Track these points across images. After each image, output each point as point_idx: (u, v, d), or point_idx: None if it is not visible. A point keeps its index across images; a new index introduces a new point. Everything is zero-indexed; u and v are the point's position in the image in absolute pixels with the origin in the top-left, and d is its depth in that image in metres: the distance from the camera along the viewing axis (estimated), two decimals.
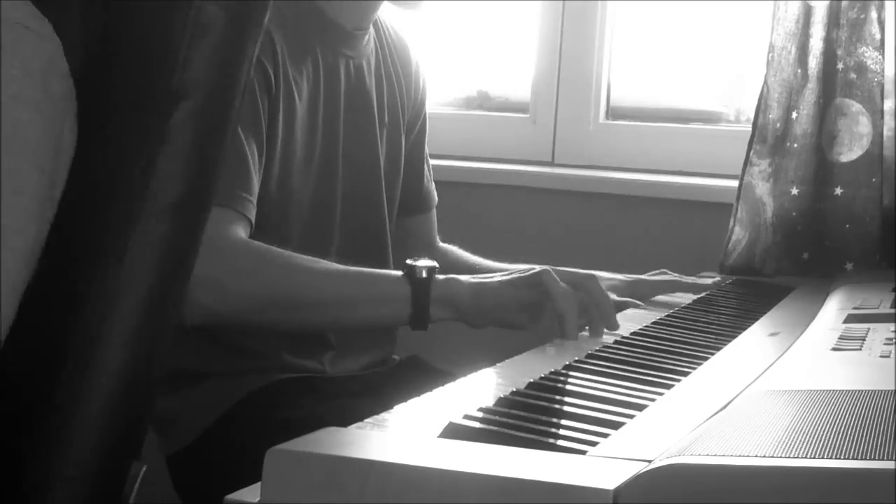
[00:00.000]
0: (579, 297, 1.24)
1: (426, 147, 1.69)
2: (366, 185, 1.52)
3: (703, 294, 1.53)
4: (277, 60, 1.36)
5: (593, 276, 1.31)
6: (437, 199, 1.71)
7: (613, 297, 1.47)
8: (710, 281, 1.62)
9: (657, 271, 1.59)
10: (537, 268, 1.28)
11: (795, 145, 1.73)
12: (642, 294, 1.50)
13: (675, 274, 1.60)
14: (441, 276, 1.26)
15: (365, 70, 1.52)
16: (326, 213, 1.47)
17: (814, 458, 0.62)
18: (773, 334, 1.18)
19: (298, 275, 1.27)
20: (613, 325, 1.23)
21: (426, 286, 1.24)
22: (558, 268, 1.31)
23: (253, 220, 1.31)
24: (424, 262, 1.26)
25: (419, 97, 1.65)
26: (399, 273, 1.26)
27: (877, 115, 1.67)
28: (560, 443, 0.76)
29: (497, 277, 1.28)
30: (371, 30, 1.53)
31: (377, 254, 1.54)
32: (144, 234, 0.85)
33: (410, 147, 1.63)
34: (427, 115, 1.68)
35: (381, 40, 1.58)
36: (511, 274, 1.28)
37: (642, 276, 1.56)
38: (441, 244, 1.71)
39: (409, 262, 1.26)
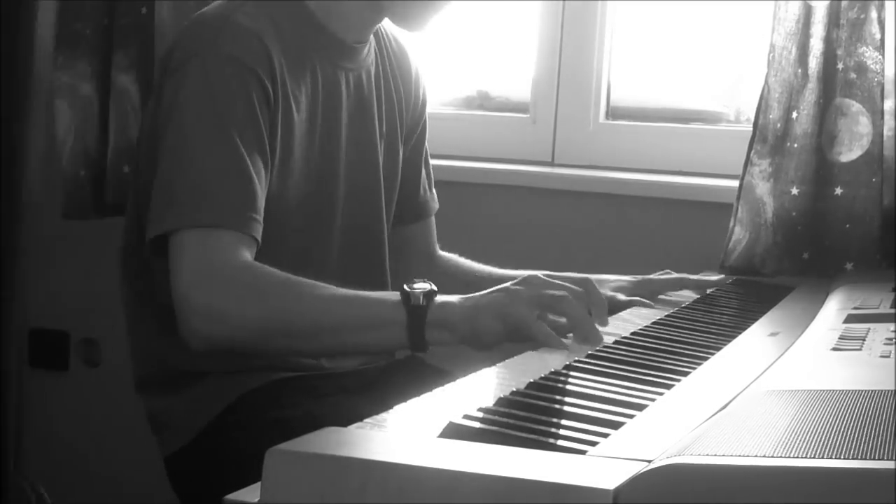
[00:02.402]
0: (581, 299, 1.22)
1: (425, 155, 1.68)
2: (366, 197, 1.52)
3: (703, 294, 1.54)
4: (276, 74, 1.36)
5: (587, 279, 1.29)
6: (437, 206, 1.71)
7: (621, 296, 1.47)
8: (715, 278, 1.62)
9: (661, 272, 1.59)
10: (523, 279, 1.25)
11: (796, 145, 1.73)
12: (649, 293, 1.50)
13: (679, 274, 1.59)
14: (439, 300, 1.23)
15: (364, 81, 1.52)
16: (325, 226, 1.47)
17: (814, 458, 0.62)
18: (773, 334, 1.18)
19: (300, 301, 1.26)
20: (591, 341, 1.19)
21: (422, 312, 1.22)
22: (553, 273, 1.30)
23: (259, 238, 1.30)
24: (421, 287, 1.24)
25: (419, 106, 1.64)
26: (396, 297, 1.24)
27: (877, 115, 1.67)
28: (560, 443, 0.76)
29: (494, 292, 1.24)
30: (371, 39, 1.53)
31: (375, 265, 1.54)
32: None
33: (408, 155, 1.63)
34: (427, 123, 1.67)
35: (382, 49, 1.57)
36: (506, 287, 1.25)
37: (648, 276, 1.56)
38: (440, 253, 1.71)
39: (405, 287, 1.24)
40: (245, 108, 1.32)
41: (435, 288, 1.24)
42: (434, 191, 1.71)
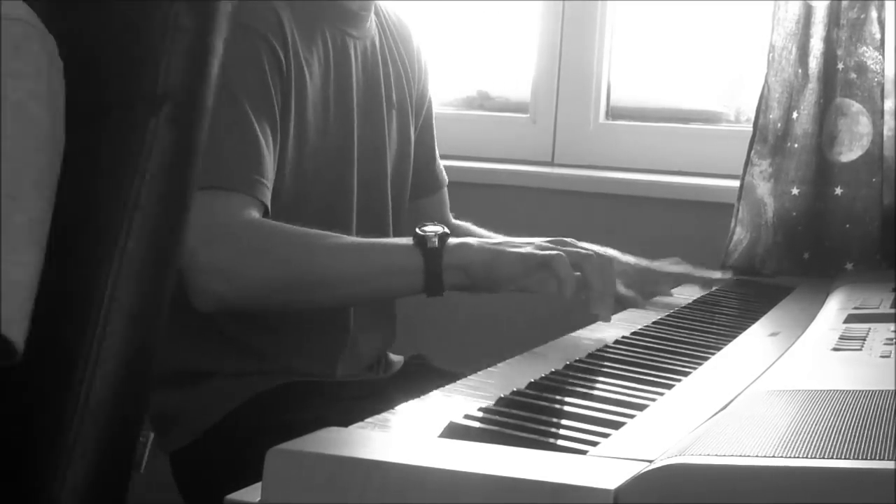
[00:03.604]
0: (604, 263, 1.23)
1: (433, 130, 1.69)
2: (375, 168, 1.52)
3: (703, 294, 1.53)
4: (287, 41, 1.36)
5: (608, 259, 1.29)
6: (446, 179, 1.72)
7: (620, 288, 1.44)
8: (719, 275, 1.62)
9: (671, 259, 1.59)
10: (551, 247, 1.25)
11: (796, 145, 1.73)
12: (652, 282, 1.50)
13: (687, 265, 1.59)
14: (453, 242, 1.24)
15: (369, 52, 1.52)
16: (344, 198, 1.46)
17: (814, 458, 0.62)
18: (773, 334, 1.18)
19: (309, 252, 1.26)
20: (606, 313, 1.22)
21: (437, 254, 1.22)
22: (577, 243, 1.30)
23: (268, 203, 1.29)
24: (434, 229, 1.24)
25: (423, 79, 1.65)
26: (410, 242, 1.24)
27: (877, 115, 1.67)
28: (560, 443, 0.76)
29: (511, 246, 1.26)
30: (371, 12, 1.54)
31: (385, 225, 1.54)
32: (136, 228, 0.87)
33: (420, 129, 1.63)
34: (431, 99, 1.68)
35: (382, 23, 1.58)
36: (524, 246, 1.26)
37: (653, 264, 1.56)
38: (455, 221, 1.71)
39: (418, 230, 1.24)
40: (256, 75, 1.32)
41: (447, 230, 1.24)
42: (441, 164, 1.71)
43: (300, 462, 0.67)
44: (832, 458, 0.62)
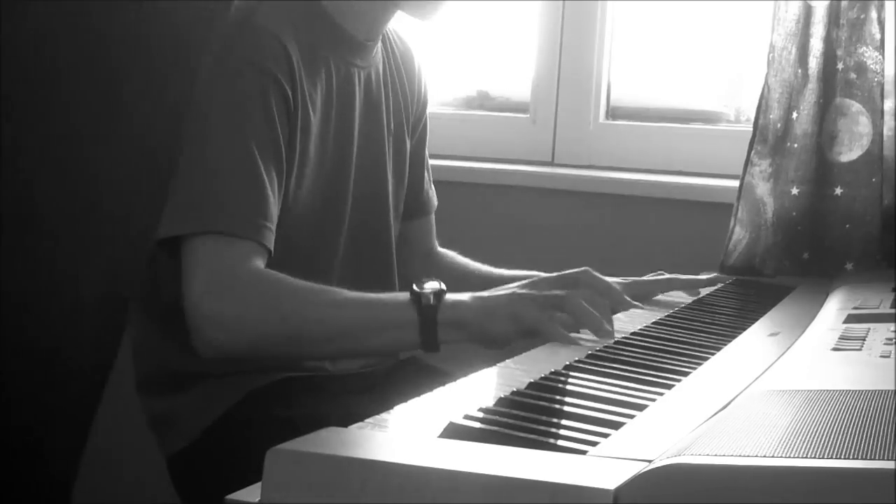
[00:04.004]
0: (586, 294, 1.24)
1: (426, 151, 1.69)
2: (374, 194, 1.52)
3: (702, 294, 1.53)
4: (295, 77, 1.35)
5: (587, 270, 1.34)
6: (436, 203, 1.71)
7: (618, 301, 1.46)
8: (704, 277, 1.61)
9: (653, 273, 1.59)
10: (532, 280, 1.31)
11: (796, 145, 1.73)
12: (640, 295, 1.49)
13: (670, 274, 1.59)
14: (449, 299, 1.25)
15: (374, 79, 1.52)
16: (335, 222, 1.47)
17: (814, 458, 0.62)
18: (773, 334, 1.18)
19: (311, 307, 1.27)
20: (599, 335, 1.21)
21: (433, 312, 1.23)
22: (550, 274, 1.33)
23: (272, 248, 1.30)
24: (431, 286, 1.25)
25: (421, 102, 1.65)
26: (407, 298, 1.25)
27: (877, 115, 1.67)
28: (560, 443, 0.76)
29: (504, 293, 1.27)
30: (377, 42, 1.53)
31: (382, 262, 1.55)
32: None
33: (412, 152, 1.63)
34: (427, 120, 1.68)
35: (388, 48, 1.57)
36: (513, 289, 1.28)
37: (639, 279, 1.56)
38: (439, 249, 1.71)
39: (415, 287, 1.25)
40: (264, 116, 1.32)
41: (444, 287, 1.25)
42: (433, 188, 1.71)
43: (300, 462, 0.67)
44: (832, 458, 0.62)
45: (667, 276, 1.58)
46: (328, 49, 1.43)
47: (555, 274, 1.35)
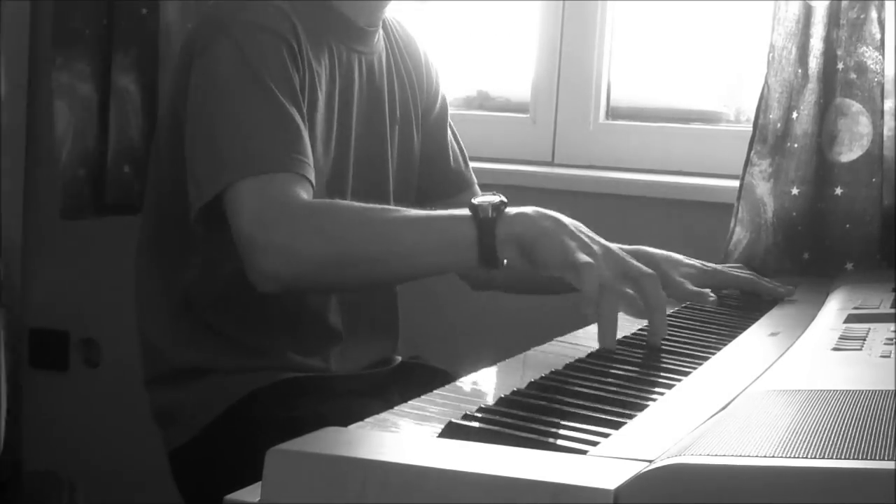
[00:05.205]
0: (626, 295, 1.13)
1: (449, 132, 1.68)
2: (374, 184, 1.52)
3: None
4: (301, 46, 1.36)
5: (654, 277, 1.15)
6: (473, 179, 1.69)
7: (688, 285, 1.37)
8: (783, 291, 1.47)
9: (735, 265, 1.58)
10: (606, 249, 1.17)
11: (796, 145, 1.73)
12: (716, 285, 1.43)
13: (752, 273, 1.54)
14: (511, 212, 1.18)
15: (376, 67, 1.52)
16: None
17: (814, 458, 0.62)
18: (773, 334, 1.18)
19: (364, 228, 1.24)
20: (659, 333, 1.12)
21: (491, 225, 1.16)
22: (638, 249, 1.26)
23: (313, 180, 1.29)
24: (489, 199, 1.19)
25: (433, 87, 1.65)
26: (466, 213, 1.19)
27: (877, 115, 1.67)
28: (560, 443, 0.76)
29: (568, 235, 1.17)
30: (379, 28, 1.54)
31: None
32: None
33: (429, 135, 1.63)
34: (446, 101, 1.67)
35: (390, 37, 1.58)
36: (583, 242, 1.17)
37: (718, 267, 1.51)
38: None
39: (473, 200, 1.19)
40: (279, 65, 1.32)
41: (505, 199, 1.20)
42: (467, 164, 1.69)
43: (300, 462, 0.67)
44: (832, 458, 0.61)
45: (747, 274, 1.51)
46: (330, 34, 1.44)
47: (634, 253, 1.21)
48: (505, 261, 1.18)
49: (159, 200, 1.47)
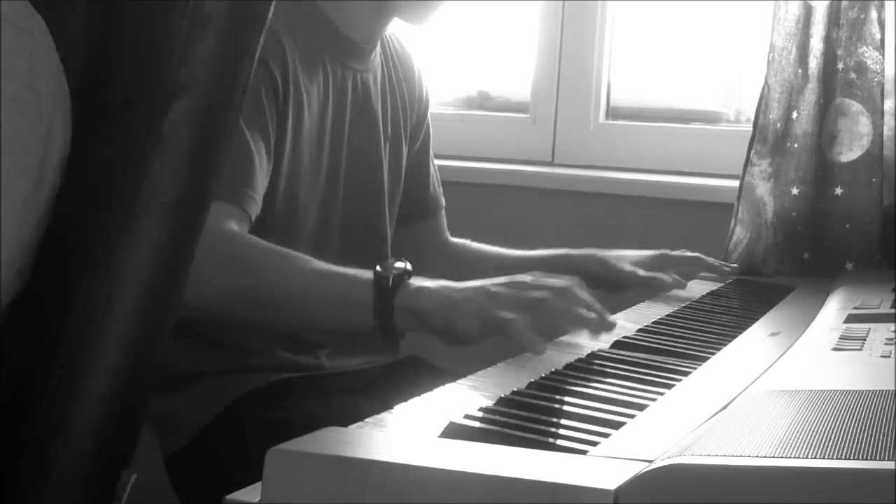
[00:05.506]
0: (566, 303, 1.13)
1: (430, 153, 1.69)
2: (367, 203, 1.52)
3: (702, 294, 1.53)
4: (288, 68, 1.35)
5: (577, 281, 1.17)
6: (443, 203, 1.71)
7: (640, 271, 1.51)
8: (729, 267, 1.66)
9: (679, 251, 1.61)
10: (514, 279, 1.15)
11: (796, 145, 1.73)
12: (666, 268, 1.52)
13: (696, 253, 1.62)
14: (413, 284, 1.14)
15: (371, 84, 1.52)
16: (327, 230, 1.46)
17: (814, 458, 0.62)
18: (773, 334, 1.18)
19: (276, 270, 1.22)
20: (606, 327, 1.14)
21: (390, 295, 1.12)
22: (531, 275, 1.20)
23: (253, 216, 1.28)
24: (398, 266, 1.16)
25: (422, 107, 1.65)
26: (369, 276, 1.16)
27: (877, 115, 1.67)
28: (560, 443, 0.76)
29: (475, 286, 1.15)
30: (377, 46, 1.53)
31: (378, 255, 1.54)
32: (139, 234, 0.84)
33: (414, 155, 1.63)
34: (430, 122, 1.68)
35: (387, 53, 1.58)
36: (487, 283, 1.15)
37: (665, 251, 1.59)
38: (452, 240, 1.71)
39: (379, 266, 1.16)
40: (251, 95, 1.30)
41: (410, 268, 1.16)
42: (440, 187, 1.71)
43: (300, 462, 0.67)
44: (832, 458, 0.61)
45: (691, 254, 1.61)
46: (325, 51, 1.44)
47: (538, 275, 1.19)
48: (405, 333, 1.15)
49: None
